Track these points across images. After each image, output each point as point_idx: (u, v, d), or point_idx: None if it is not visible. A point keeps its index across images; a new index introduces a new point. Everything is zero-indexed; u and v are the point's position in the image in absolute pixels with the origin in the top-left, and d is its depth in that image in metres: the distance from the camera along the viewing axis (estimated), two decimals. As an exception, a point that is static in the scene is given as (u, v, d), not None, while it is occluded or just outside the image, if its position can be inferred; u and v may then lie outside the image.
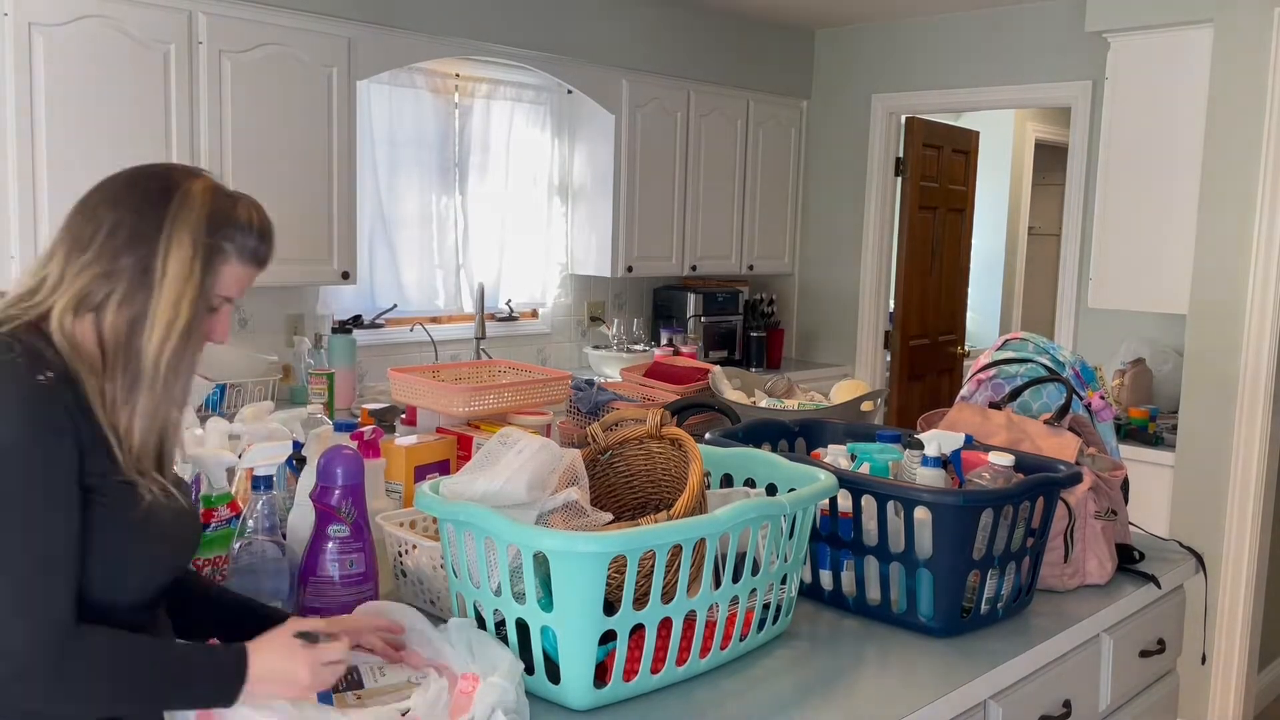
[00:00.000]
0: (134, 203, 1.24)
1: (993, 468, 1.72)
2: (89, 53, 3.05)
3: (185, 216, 1.24)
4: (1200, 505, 3.55)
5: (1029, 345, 2.22)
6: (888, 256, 5.35)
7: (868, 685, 1.53)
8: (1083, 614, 1.81)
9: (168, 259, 1.23)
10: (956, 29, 4.91)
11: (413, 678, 1.33)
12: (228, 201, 1.29)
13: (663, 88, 4.74)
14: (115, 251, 1.22)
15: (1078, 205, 4.51)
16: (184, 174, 1.29)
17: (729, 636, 1.50)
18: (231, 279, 1.29)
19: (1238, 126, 3.43)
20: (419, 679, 1.32)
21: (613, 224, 4.64)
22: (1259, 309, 3.40)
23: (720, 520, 1.39)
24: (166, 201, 1.25)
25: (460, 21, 4.04)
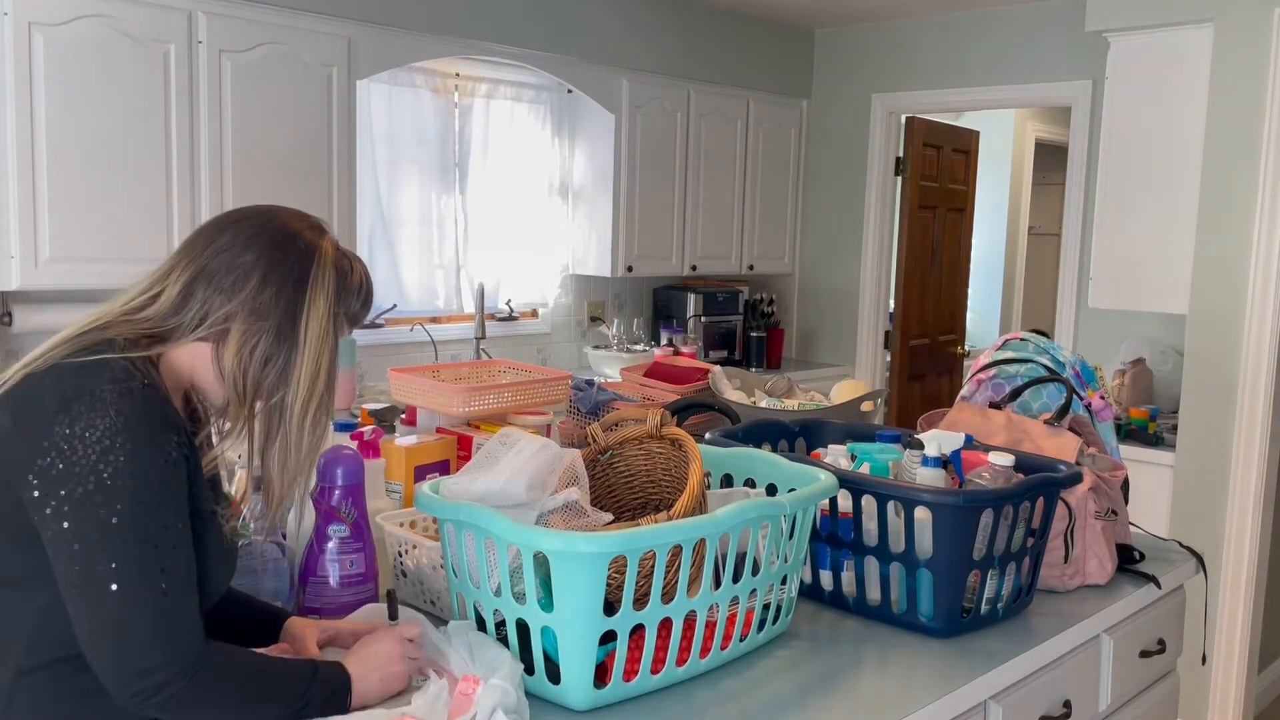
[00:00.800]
0: (279, 256, 1.26)
1: (993, 468, 1.72)
2: (89, 53, 3.05)
3: (322, 279, 1.28)
4: (1200, 505, 3.55)
5: (1029, 345, 2.22)
6: (888, 256, 5.35)
7: (868, 685, 1.53)
8: (1083, 614, 1.81)
9: (309, 319, 1.27)
10: (956, 29, 4.91)
11: (413, 680, 1.33)
12: (347, 264, 1.32)
13: (663, 87, 4.74)
14: (265, 303, 1.25)
15: (1078, 205, 4.52)
16: (315, 231, 1.31)
17: (729, 637, 1.50)
18: (338, 345, 1.33)
19: (1238, 126, 3.43)
20: (419, 681, 1.32)
21: (613, 224, 4.64)
22: (1259, 309, 3.40)
23: (720, 520, 1.39)
24: (309, 261, 1.27)
25: (460, 21, 4.04)
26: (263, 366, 1.25)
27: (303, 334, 1.26)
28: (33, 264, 3.00)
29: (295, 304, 1.26)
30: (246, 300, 1.25)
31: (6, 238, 2.96)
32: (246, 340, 1.25)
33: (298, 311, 1.26)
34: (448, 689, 1.27)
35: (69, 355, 1.18)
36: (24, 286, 3.00)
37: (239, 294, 1.25)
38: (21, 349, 3.24)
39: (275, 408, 1.26)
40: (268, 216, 1.31)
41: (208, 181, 3.33)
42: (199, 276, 1.26)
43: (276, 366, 1.26)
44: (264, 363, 1.25)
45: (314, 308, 1.27)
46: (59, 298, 3.20)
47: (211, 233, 1.29)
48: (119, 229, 3.14)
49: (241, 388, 1.26)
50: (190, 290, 1.25)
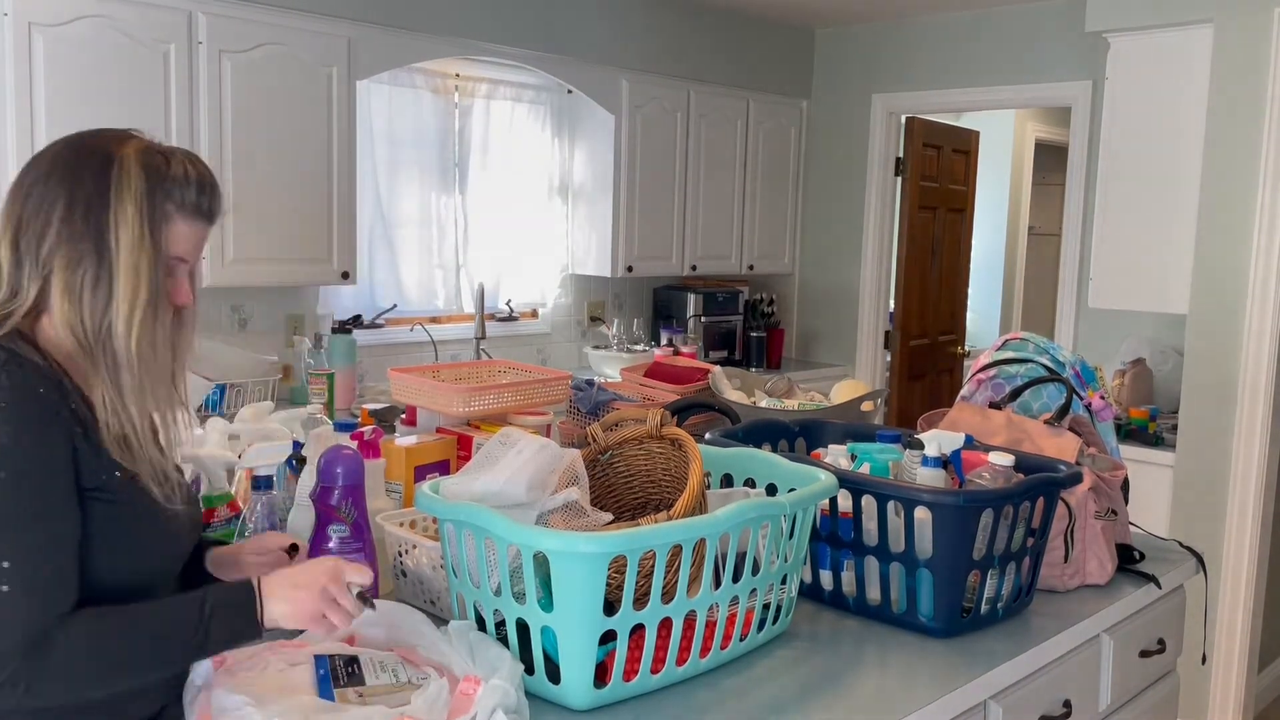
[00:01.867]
0: (76, 177, 1.20)
1: (993, 468, 1.72)
2: (89, 53, 3.05)
3: (125, 183, 1.20)
4: (1200, 505, 3.55)
5: (1029, 345, 2.22)
6: (888, 256, 5.35)
7: (868, 685, 1.53)
8: (1083, 614, 1.81)
9: (119, 230, 1.19)
10: (956, 29, 4.91)
11: (414, 678, 1.33)
12: (160, 159, 1.24)
13: (663, 88, 4.74)
14: (74, 234, 1.19)
15: (1078, 205, 4.51)
16: (116, 140, 1.25)
17: (729, 636, 1.50)
18: (180, 238, 1.25)
19: (1238, 126, 3.43)
20: (420, 679, 1.32)
21: (613, 224, 4.64)
22: (1259, 309, 3.40)
23: (720, 520, 1.39)
24: (106, 171, 1.20)
25: (460, 21, 4.04)
26: (93, 295, 1.19)
27: (113, 245, 1.19)
28: (33, 264, 2.99)
29: (101, 218, 1.19)
30: (60, 233, 1.19)
31: (6, 238, 2.96)
32: (71, 277, 1.19)
33: (104, 224, 1.19)
34: (448, 689, 1.27)
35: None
36: (24, 286, 3.00)
37: (49, 231, 1.19)
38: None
39: (108, 334, 1.20)
40: (64, 142, 1.25)
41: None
42: (19, 232, 1.20)
43: (103, 290, 1.19)
44: (92, 290, 1.19)
45: (121, 214, 1.19)
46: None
47: (17, 181, 1.23)
48: (119, 229, 3.14)
49: (83, 332, 1.20)
50: (16, 250, 1.20)
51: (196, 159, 1.28)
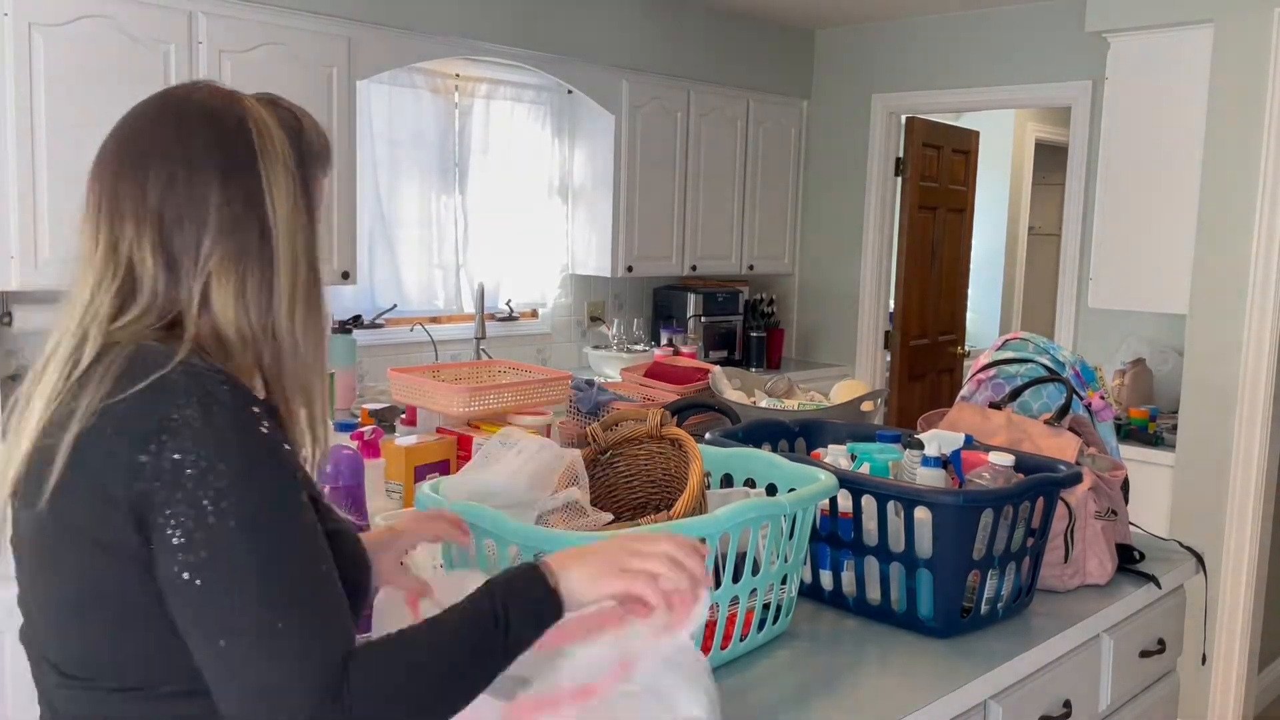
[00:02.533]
0: (223, 153, 1.01)
1: (993, 468, 1.72)
2: (89, 53, 3.05)
3: (271, 148, 1.03)
4: (1200, 505, 3.55)
5: (1029, 345, 2.22)
6: (888, 256, 5.35)
7: (868, 685, 1.53)
8: (1083, 614, 1.81)
9: (275, 204, 1.02)
10: (956, 29, 4.91)
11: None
12: (289, 115, 1.09)
13: (663, 88, 4.74)
14: (235, 220, 1.00)
15: (1078, 205, 4.51)
16: (230, 98, 1.06)
17: (729, 636, 1.50)
18: (321, 195, 1.11)
19: (1238, 126, 3.43)
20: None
21: (613, 224, 4.64)
22: (1259, 309, 3.40)
23: (720, 520, 1.39)
24: (249, 139, 1.02)
25: (460, 21, 4.04)
26: (259, 289, 1.01)
27: (273, 226, 1.02)
28: (33, 264, 2.99)
29: (257, 195, 1.01)
30: (219, 224, 1.00)
31: (6, 238, 2.96)
32: (238, 272, 1.01)
33: (262, 203, 1.01)
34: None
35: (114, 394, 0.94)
36: (24, 287, 3.00)
37: (208, 221, 1.00)
38: (21, 349, 3.25)
39: (271, 325, 1.02)
40: (177, 107, 1.05)
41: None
42: (165, 230, 1.00)
43: (265, 277, 1.02)
44: (259, 284, 1.01)
45: (275, 185, 1.02)
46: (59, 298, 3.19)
47: (130, 164, 1.04)
48: (119, 229, 3.14)
49: (250, 331, 1.01)
50: (167, 252, 1.00)
51: (300, 108, 1.13)
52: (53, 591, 1.00)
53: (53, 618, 1.02)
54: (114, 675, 0.98)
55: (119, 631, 0.97)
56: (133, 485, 0.92)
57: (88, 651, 0.99)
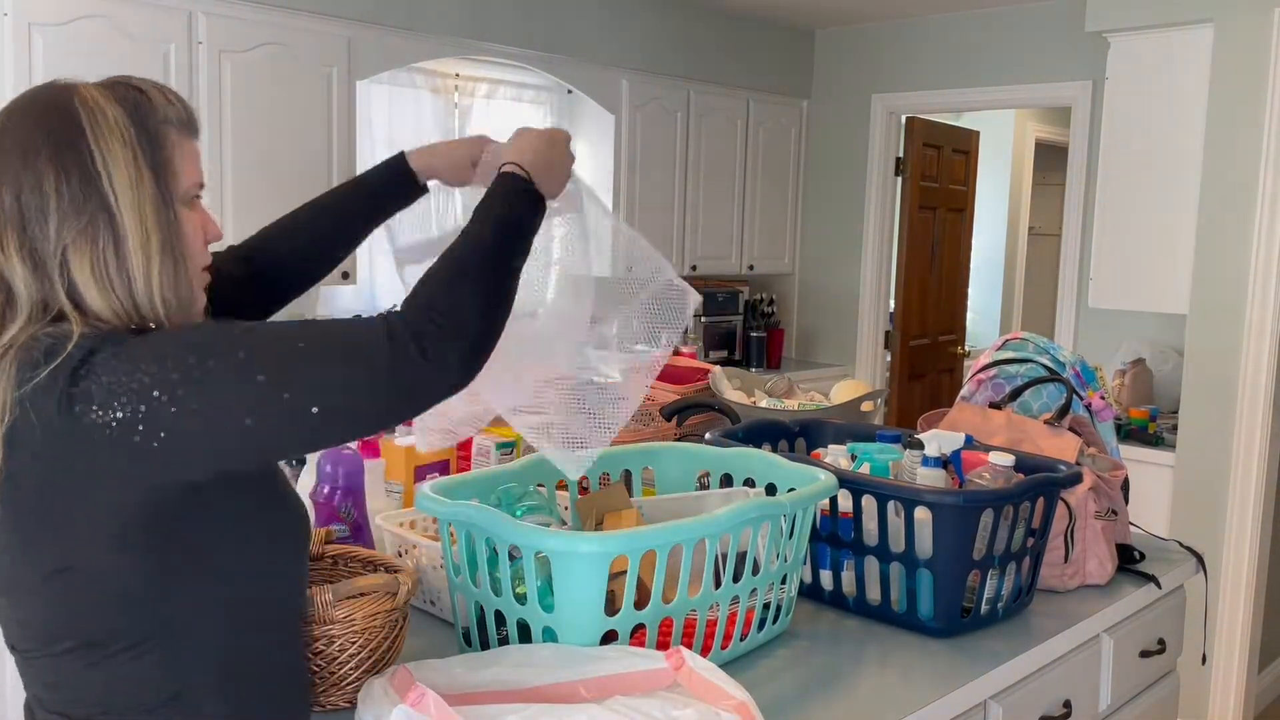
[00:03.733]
0: (53, 139, 1.01)
1: (993, 468, 1.72)
2: (89, 53, 3.05)
3: (103, 122, 1.02)
4: (1200, 505, 3.55)
5: (1029, 345, 2.22)
6: (888, 256, 5.35)
7: (868, 685, 1.53)
8: (1083, 614, 1.81)
9: (114, 178, 1.01)
10: (956, 29, 4.91)
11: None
12: (125, 88, 1.07)
13: (663, 88, 4.74)
14: (74, 200, 1.00)
15: (1078, 205, 4.51)
16: (65, 88, 1.06)
17: (729, 636, 1.50)
18: (190, 160, 1.11)
19: (1238, 126, 3.43)
20: None
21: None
22: (1259, 309, 3.40)
23: (720, 520, 1.39)
24: (76, 119, 1.02)
25: (460, 21, 4.04)
26: (118, 265, 1.02)
27: (113, 202, 1.01)
28: (33, 264, 2.99)
29: (93, 170, 1.01)
30: (61, 208, 1.00)
31: (6, 238, 2.96)
32: (94, 253, 1.01)
33: (97, 176, 1.01)
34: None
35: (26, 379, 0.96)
36: (24, 286, 3.00)
37: (50, 211, 1.00)
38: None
39: (135, 303, 1.02)
40: (19, 111, 1.05)
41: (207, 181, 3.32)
42: (21, 228, 1.00)
43: (119, 254, 1.01)
44: (116, 262, 1.01)
45: (111, 160, 1.02)
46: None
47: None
48: (119, 229, 3.14)
49: (123, 309, 1.02)
50: (28, 252, 1.01)
51: (150, 80, 1.11)
52: (15, 575, 1.04)
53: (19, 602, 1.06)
54: (92, 640, 1.03)
55: (77, 595, 1.01)
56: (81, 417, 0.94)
57: (46, 620, 1.04)
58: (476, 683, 1.22)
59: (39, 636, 1.05)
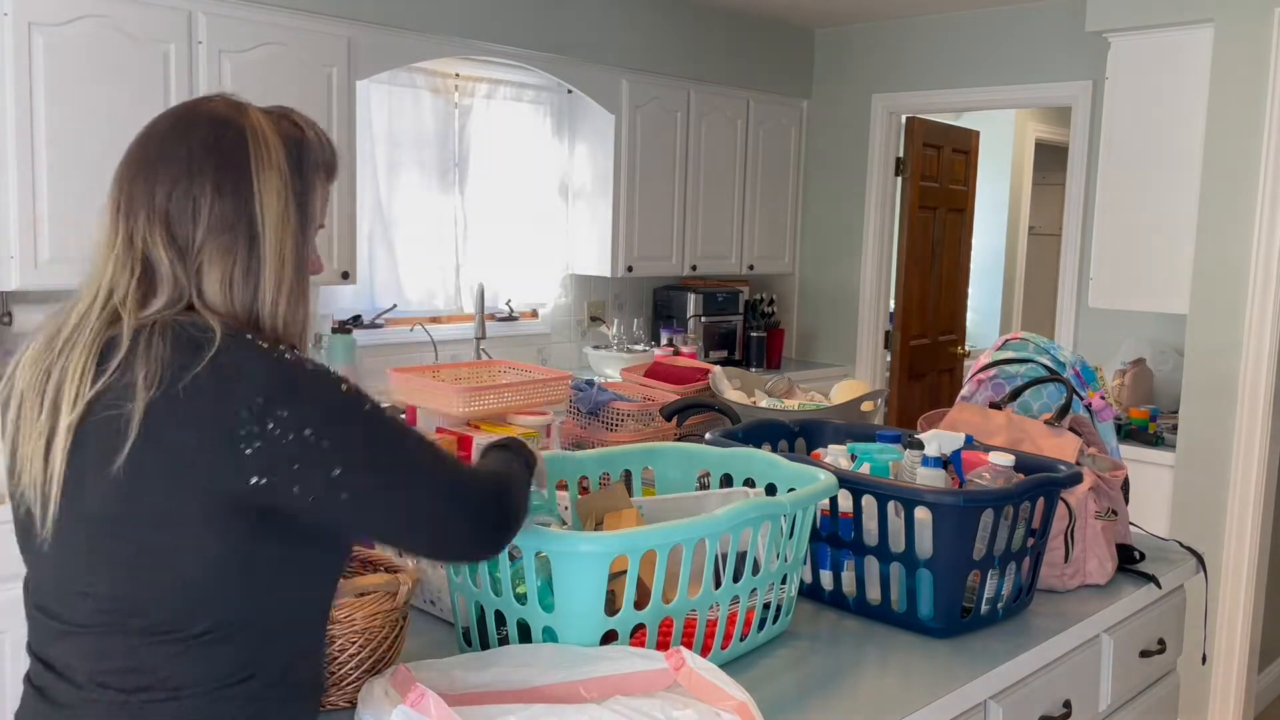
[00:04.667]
0: (219, 159, 1.13)
1: (993, 468, 1.72)
2: (89, 53, 3.05)
3: (267, 156, 1.14)
4: (1200, 505, 3.55)
5: (1029, 345, 2.22)
6: (888, 256, 5.35)
7: (868, 685, 1.53)
8: (1083, 614, 1.81)
9: (265, 207, 1.13)
10: (956, 29, 4.91)
11: None
12: (290, 124, 1.20)
13: (663, 88, 4.74)
14: (224, 219, 1.12)
15: (1078, 205, 4.52)
16: (237, 109, 1.18)
17: (729, 636, 1.50)
18: (321, 202, 1.23)
19: (1238, 126, 3.43)
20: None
21: (613, 224, 4.63)
22: (1259, 309, 3.40)
23: (720, 520, 1.39)
24: (244, 146, 1.14)
25: (460, 21, 4.04)
26: (245, 282, 1.13)
27: (260, 225, 1.13)
28: (32, 264, 2.99)
29: (248, 196, 1.12)
30: (210, 221, 1.12)
31: (6, 238, 2.96)
32: (225, 265, 1.12)
33: (251, 203, 1.13)
34: None
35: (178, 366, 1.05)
36: (24, 286, 3.00)
37: (200, 219, 1.12)
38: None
39: (257, 323, 1.13)
40: (180, 119, 1.17)
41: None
42: (170, 225, 1.12)
43: (252, 277, 1.13)
44: (245, 277, 1.13)
45: (266, 190, 1.13)
46: (59, 298, 3.19)
47: (143, 168, 1.14)
48: (119, 229, 3.14)
49: (236, 317, 1.12)
50: (174, 246, 1.12)
51: (310, 120, 1.24)
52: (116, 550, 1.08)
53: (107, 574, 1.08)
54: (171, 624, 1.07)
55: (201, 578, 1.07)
56: (236, 441, 1.03)
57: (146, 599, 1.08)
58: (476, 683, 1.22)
59: (117, 610, 1.08)
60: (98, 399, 1.07)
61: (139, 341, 1.07)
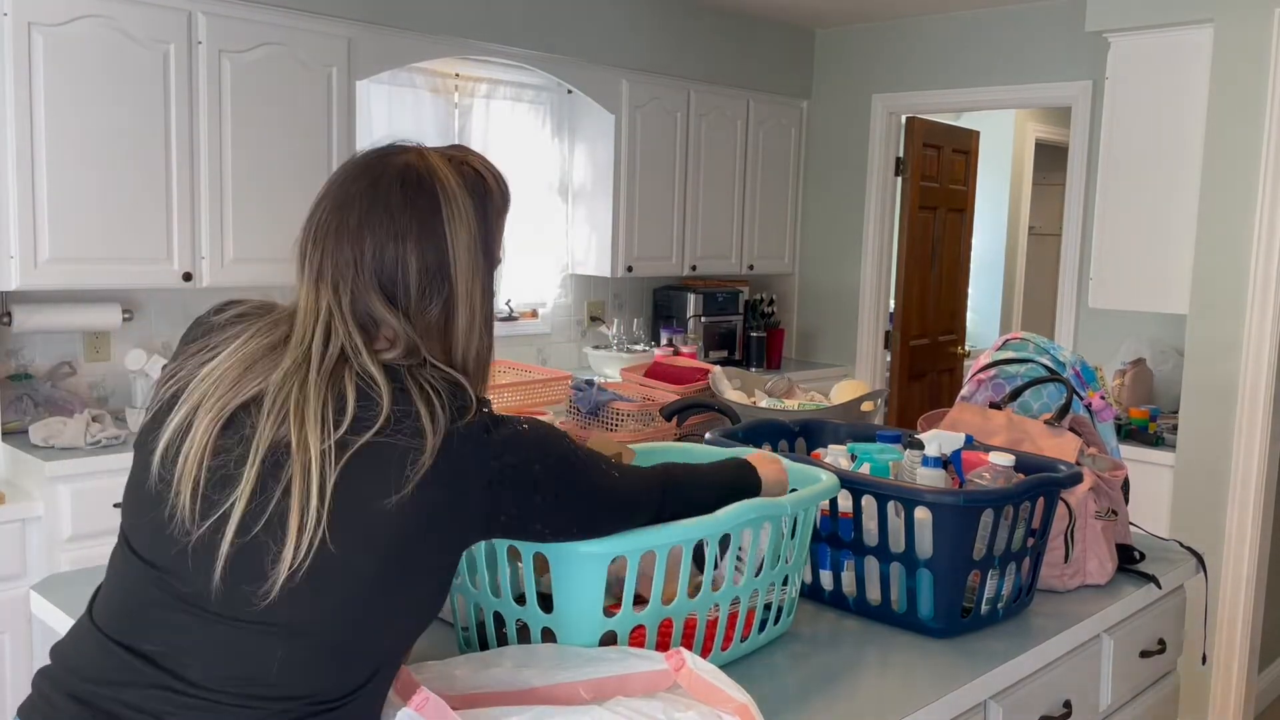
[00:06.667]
0: (418, 220, 1.21)
1: (993, 468, 1.72)
2: (89, 53, 3.05)
3: (457, 214, 1.23)
4: (1200, 505, 3.55)
5: (1029, 345, 2.22)
6: (888, 256, 5.35)
7: (868, 685, 1.53)
8: (1083, 614, 1.81)
9: (457, 259, 1.22)
10: (956, 29, 4.91)
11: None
12: (471, 173, 1.28)
13: (663, 88, 4.74)
14: (428, 273, 1.20)
15: (1078, 205, 4.51)
16: (424, 166, 1.25)
17: (730, 638, 1.50)
18: (502, 242, 1.31)
19: (1238, 126, 3.43)
20: None
21: (613, 224, 4.63)
22: (1259, 309, 3.40)
23: (720, 520, 1.39)
24: (436, 207, 1.22)
25: (460, 21, 4.04)
26: (445, 328, 1.23)
27: (454, 274, 1.21)
28: (32, 264, 2.99)
29: (444, 251, 1.21)
30: (419, 278, 1.20)
31: (6, 238, 2.96)
32: (438, 318, 1.21)
33: (447, 257, 1.21)
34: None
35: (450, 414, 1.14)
36: (24, 286, 3.00)
37: (410, 276, 1.20)
38: (21, 349, 3.25)
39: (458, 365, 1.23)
40: (368, 175, 1.25)
41: (207, 181, 3.32)
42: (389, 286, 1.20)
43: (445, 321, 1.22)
44: (444, 323, 1.23)
45: (460, 246, 1.22)
46: (58, 298, 3.20)
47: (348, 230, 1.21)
48: (119, 229, 3.14)
49: (467, 365, 1.24)
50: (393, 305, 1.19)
51: (485, 159, 1.33)
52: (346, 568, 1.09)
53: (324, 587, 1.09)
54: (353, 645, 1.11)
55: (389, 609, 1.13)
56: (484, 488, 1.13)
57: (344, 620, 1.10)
58: (477, 684, 1.22)
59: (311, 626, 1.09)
60: (349, 428, 1.11)
61: (406, 381, 1.14)
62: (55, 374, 3.30)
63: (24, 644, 2.84)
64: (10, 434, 3.10)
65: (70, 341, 3.36)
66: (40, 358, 3.30)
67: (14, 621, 2.81)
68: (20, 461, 2.97)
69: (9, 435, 3.09)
